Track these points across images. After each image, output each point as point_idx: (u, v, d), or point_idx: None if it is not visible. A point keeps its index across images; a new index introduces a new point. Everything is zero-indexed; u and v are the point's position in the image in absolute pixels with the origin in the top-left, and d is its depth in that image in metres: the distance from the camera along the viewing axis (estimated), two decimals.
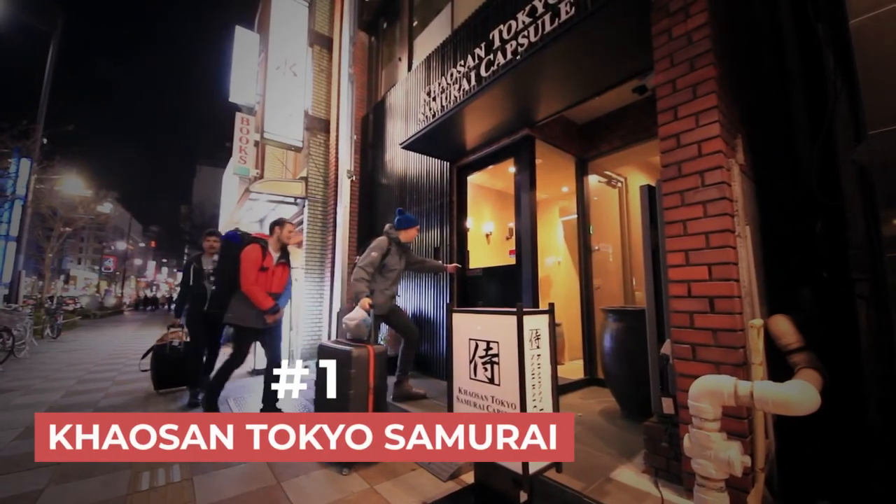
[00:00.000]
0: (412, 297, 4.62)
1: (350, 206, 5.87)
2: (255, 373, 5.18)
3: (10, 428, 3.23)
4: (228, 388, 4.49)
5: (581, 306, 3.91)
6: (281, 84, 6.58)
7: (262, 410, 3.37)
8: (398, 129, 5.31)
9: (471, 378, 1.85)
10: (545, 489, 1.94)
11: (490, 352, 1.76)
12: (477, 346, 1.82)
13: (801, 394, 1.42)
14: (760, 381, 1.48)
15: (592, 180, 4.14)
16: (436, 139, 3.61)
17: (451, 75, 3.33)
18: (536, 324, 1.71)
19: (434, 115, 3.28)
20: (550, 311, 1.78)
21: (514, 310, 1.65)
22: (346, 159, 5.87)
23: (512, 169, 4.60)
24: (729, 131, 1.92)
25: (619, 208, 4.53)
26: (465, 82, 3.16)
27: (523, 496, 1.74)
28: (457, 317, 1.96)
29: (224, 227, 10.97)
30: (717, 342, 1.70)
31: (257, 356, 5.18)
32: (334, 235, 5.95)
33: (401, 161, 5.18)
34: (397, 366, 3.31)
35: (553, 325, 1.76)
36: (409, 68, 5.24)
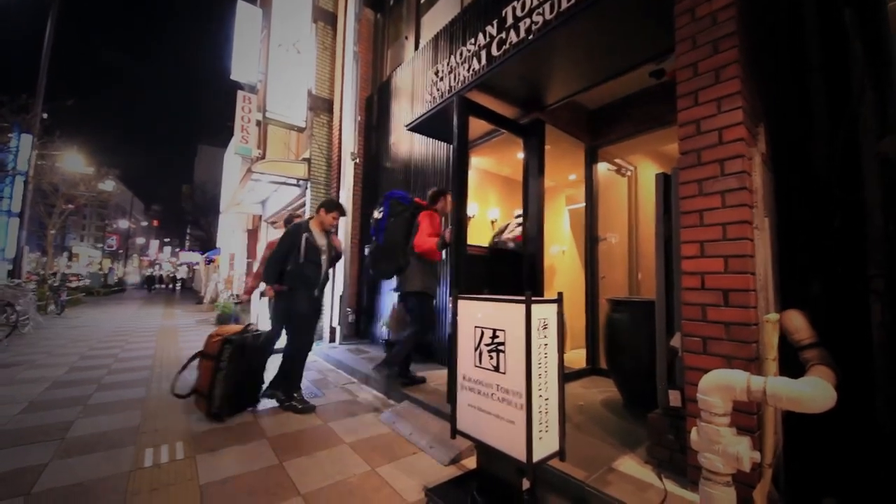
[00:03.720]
0: None
1: (353, 189, 5.81)
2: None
3: (15, 402, 3.25)
4: None
5: (585, 296, 3.87)
6: (284, 61, 6.42)
7: (268, 395, 3.29)
8: (404, 111, 5.19)
9: (475, 366, 1.82)
10: (547, 477, 1.94)
11: (496, 340, 1.73)
12: (483, 333, 1.79)
13: (816, 391, 1.39)
14: (774, 377, 1.45)
15: (602, 168, 4.05)
16: (443, 121, 3.51)
17: (461, 54, 3.22)
18: (544, 313, 1.68)
19: (442, 96, 3.19)
20: (559, 300, 1.74)
21: (523, 298, 1.61)
22: (350, 141, 5.78)
23: (520, 154, 4.52)
24: (751, 119, 1.84)
25: (627, 198, 4.46)
26: (474, 62, 3.05)
27: (526, 483, 1.74)
28: (462, 303, 1.93)
29: (226, 208, 10.92)
30: (730, 336, 1.67)
31: None
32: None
33: (406, 144, 5.08)
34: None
35: (561, 315, 1.73)
36: (416, 47, 5.09)
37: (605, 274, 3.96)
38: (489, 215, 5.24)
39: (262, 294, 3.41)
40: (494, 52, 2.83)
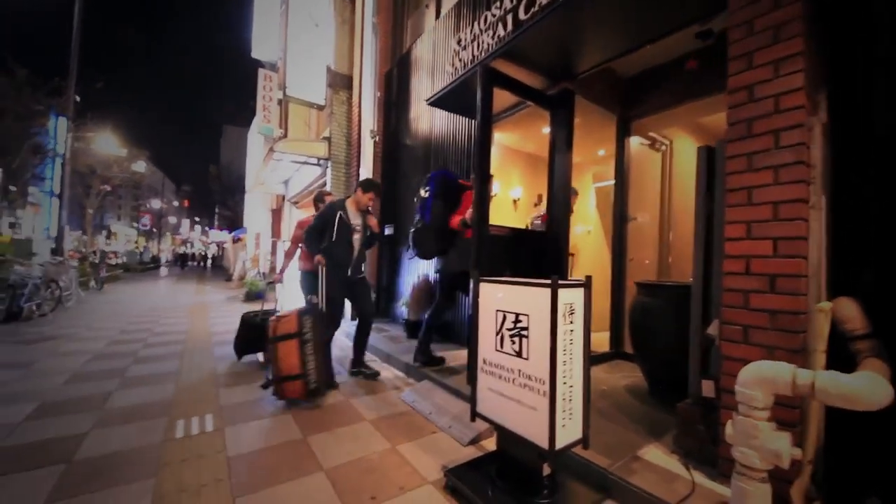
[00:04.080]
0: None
1: (374, 168, 5.74)
2: None
3: (59, 373, 3.46)
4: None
5: (613, 278, 3.73)
6: (302, 37, 6.30)
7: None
8: (424, 85, 5.02)
9: (497, 350, 1.77)
10: (569, 462, 1.89)
11: (519, 324, 1.66)
12: (505, 317, 1.72)
13: (871, 387, 1.26)
14: (823, 371, 1.33)
15: (634, 143, 3.81)
16: (465, 94, 3.36)
17: (485, 20, 3.02)
18: (571, 297, 1.59)
19: (464, 67, 3.02)
20: (587, 283, 1.64)
21: (548, 282, 1.53)
22: (369, 118, 5.67)
23: (546, 129, 4.31)
24: (812, 84, 1.63)
25: (661, 175, 4.20)
26: (500, 28, 2.85)
27: (547, 469, 1.70)
28: (484, 286, 1.86)
29: (250, 187, 11.11)
30: (775, 325, 1.53)
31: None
32: None
33: (426, 119, 4.93)
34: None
35: (589, 300, 1.63)
36: (438, 15, 4.86)
37: (633, 256, 3.79)
38: (511, 194, 5.09)
39: (309, 266, 3.43)
40: (522, 15, 2.63)
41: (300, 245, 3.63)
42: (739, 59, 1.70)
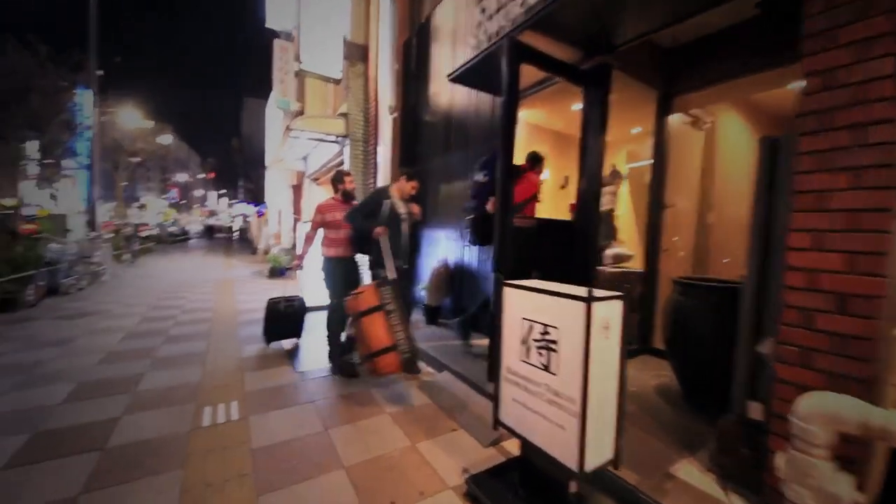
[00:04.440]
0: (452, 246, 4.44)
1: (392, 146, 5.56)
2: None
3: (94, 352, 3.62)
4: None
5: (645, 269, 3.52)
6: (317, 4, 5.99)
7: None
8: (445, 56, 4.71)
9: (522, 360, 1.66)
10: (596, 476, 1.82)
11: (547, 337, 1.54)
12: (532, 327, 1.61)
13: None
14: None
15: (674, 121, 3.48)
16: (489, 69, 3.10)
17: None
18: (607, 312, 1.45)
19: (489, 39, 2.76)
20: (624, 297, 1.50)
21: (582, 295, 1.39)
22: (387, 93, 5.43)
23: (577, 106, 4.00)
24: None
25: (702, 156, 3.87)
26: None
27: (574, 485, 1.63)
28: (509, 292, 1.73)
29: (270, 163, 11.11)
30: (841, 350, 1.36)
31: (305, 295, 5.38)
32: (375, 177, 5.74)
33: (446, 94, 4.66)
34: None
35: (626, 314, 1.49)
36: None
37: (667, 245, 3.55)
38: None
39: (333, 252, 3.36)
40: None
41: (322, 229, 3.50)
42: (816, 37, 1.43)
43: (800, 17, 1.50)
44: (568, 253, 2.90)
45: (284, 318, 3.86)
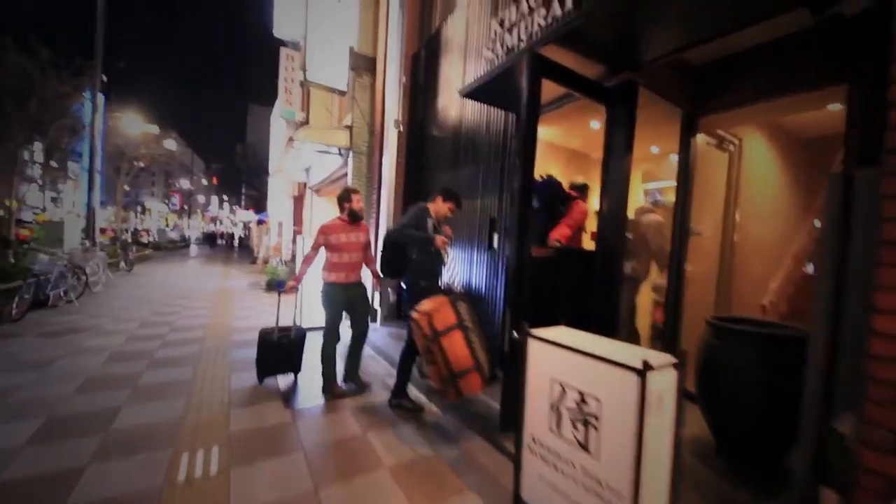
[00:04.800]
0: (463, 269, 4.19)
1: (397, 161, 5.35)
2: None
3: (72, 377, 3.34)
4: None
5: (667, 300, 3.26)
6: (325, 13, 5.85)
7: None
8: (455, 70, 4.53)
9: (551, 431, 1.40)
10: None
11: (585, 408, 1.28)
12: (564, 392, 1.35)
13: None
14: None
15: (699, 141, 3.25)
16: (505, 85, 2.90)
17: None
18: (660, 383, 1.19)
19: (507, 52, 2.56)
20: (680, 363, 1.24)
21: (634, 365, 1.13)
22: (394, 107, 5.24)
23: (595, 124, 3.80)
24: None
25: (727, 179, 3.63)
26: (555, 6, 2.35)
27: None
28: (535, 346, 1.48)
29: (272, 172, 10.95)
30: None
31: (303, 313, 5.13)
32: (379, 192, 5.53)
33: (456, 109, 4.46)
34: None
35: (682, 385, 1.23)
36: None
37: (693, 277, 3.29)
38: None
39: (335, 278, 3.13)
40: None
41: (321, 249, 3.23)
42: None
43: (889, 33, 1.27)
44: (588, 287, 2.64)
45: (279, 351, 3.42)
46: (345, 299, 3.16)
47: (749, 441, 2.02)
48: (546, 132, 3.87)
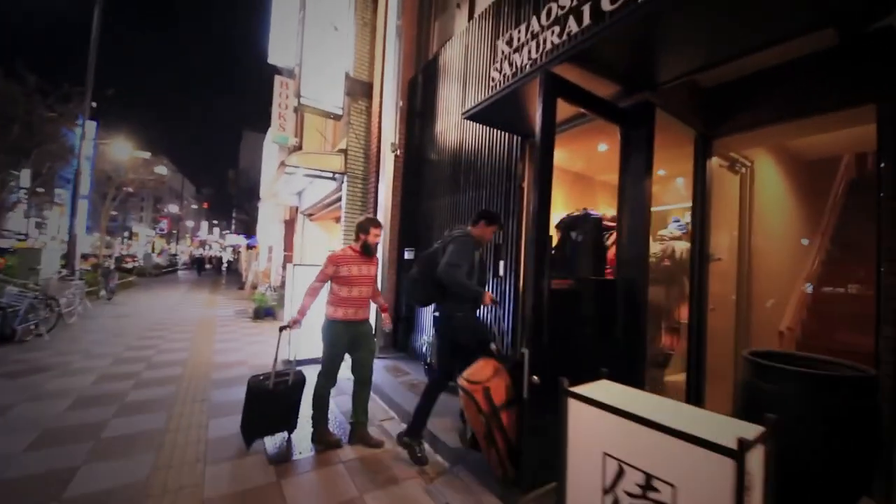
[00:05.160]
0: None
1: (393, 185, 5.16)
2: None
3: (26, 430, 2.94)
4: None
5: (690, 330, 3.02)
6: (320, 41, 5.79)
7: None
8: (453, 94, 4.43)
9: None
10: None
11: (652, 495, 1.00)
12: (621, 471, 1.08)
13: None
14: None
15: (713, 164, 3.11)
16: (511, 107, 2.75)
17: (548, 13, 2.39)
18: (754, 463, 0.93)
19: (515, 73, 2.42)
20: (770, 434, 0.98)
21: (726, 445, 0.88)
22: (391, 130, 5.11)
23: (603, 146, 3.66)
24: None
25: (739, 202, 3.49)
26: (571, 23, 2.23)
27: None
28: (579, 409, 1.21)
29: (263, 198, 10.72)
30: None
31: (293, 346, 4.77)
32: (375, 217, 5.30)
33: (455, 133, 4.33)
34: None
35: (772, 461, 0.97)
36: (471, 16, 4.26)
37: (714, 305, 3.08)
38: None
39: (340, 315, 2.81)
40: (606, 5, 2.01)
41: (332, 284, 2.85)
42: None
43: None
44: (609, 321, 2.40)
45: (273, 404, 2.77)
46: (350, 339, 2.84)
47: (810, 495, 1.73)
48: None
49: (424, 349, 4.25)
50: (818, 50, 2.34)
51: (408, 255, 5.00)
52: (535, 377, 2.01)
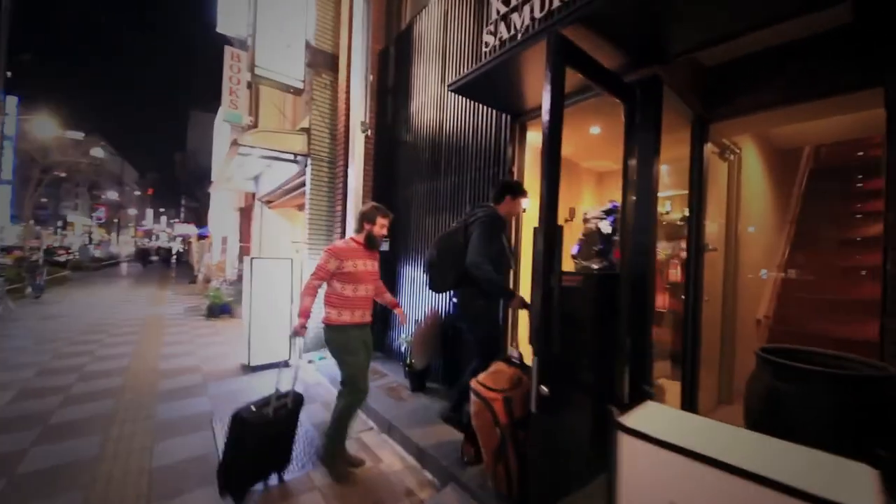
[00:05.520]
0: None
1: (364, 169, 4.73)
2: (250, 369, 4.31)
3: None
4: (215, 394, 3.67)
5: (685, 323, 2.91)
6: (276, 5, 5.15)
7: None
8: (430, 68, 4.04)
9: None
10: None
11: None
12: None
13: None
14: None
15: (709, 150, 2.98)
16: (503, 78, 2.44)
17: None
18: None
19: (514, 36, 2.10)
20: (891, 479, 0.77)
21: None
22: (360, 107, 4.63)
23: (595, 129, 3.44)
24: None
25: (727, 190, 3.41)
26: None
27: None
28: (634, 447, 0.96)
29: (215, 184, 9.80)
30: None
31: (252, 349, 4.30)
32: (344, 204, 4.86)
33: (433, 111, 3.96)
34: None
35: None
36: None
37: (708, 296, 2.99)
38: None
39: (338, 319, 2.39)
40: None
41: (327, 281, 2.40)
42: None
43: None
44: (608, 314, 2.19)
45: (270, 440, 2.20)
46: (363, 341, 2.46)
47: None
48: (536, 138, 3.47)
49: (403, 349, 3.94)
50: (827, 29, 2.20)
51: (383, 246, 4.61)
52: (545, 387, 1.76)
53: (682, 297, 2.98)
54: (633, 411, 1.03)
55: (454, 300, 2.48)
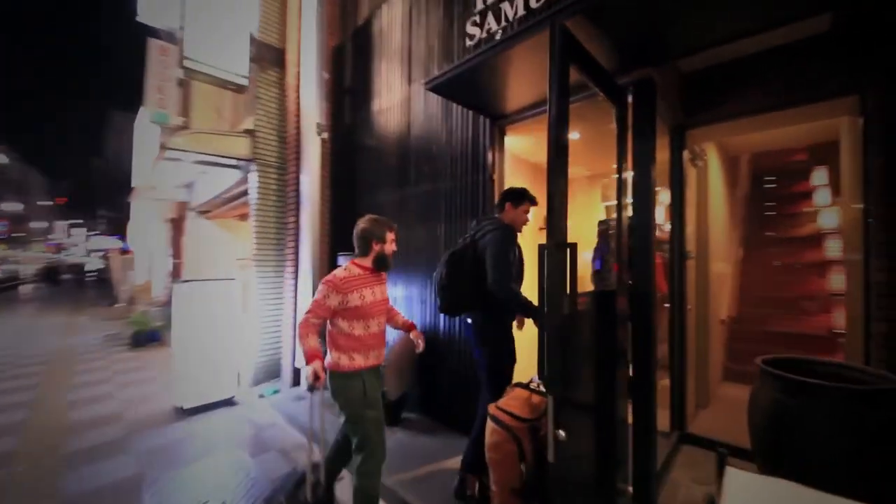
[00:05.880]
0: (425, 313, 3.31)
1: (321, 175, 4.27)
2: (187, 412, 3.64)
3: None
4: (143, 450, 2.97)
5: (670, 336, 2.83)
6: None
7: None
8: (394, 66, 3.72)
9: None
10: None
11: None
12: None
13: None
14: None
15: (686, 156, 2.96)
16: (487, 76, 2.20)
17: None
18: None
19: (507, 29, 1.86)
20: None
21: None
22: (313, 108, 4.20)
23: (575, 135, 3.31)
24: None
25: (697, 196, 3.45)
26: None
27: None
28: None
29: (137, 192, 8.61)
30: None
31: (186, 388, 3.63)
32: (297, 215, 4.36)
33: (401, 113, 3.63)
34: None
35: None
36: None
37: (691, 304, 2.95)
38: None
39: (347, 365, 1.90)
40: None
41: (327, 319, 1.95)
42: None
43: None
44: (608, 332, 2.00)
45: None
46: (377, 388, 2.02)
47: None
48: (514, 142, 3.27)
49: None
50: (805, 37, 2.22)
51: (342, 261, 4.17)
52: (562, 431, 1.51)
53: (667, 305, 2.94)
54: (730, 494, 0.80)
55: (468, 321, 2.22)
